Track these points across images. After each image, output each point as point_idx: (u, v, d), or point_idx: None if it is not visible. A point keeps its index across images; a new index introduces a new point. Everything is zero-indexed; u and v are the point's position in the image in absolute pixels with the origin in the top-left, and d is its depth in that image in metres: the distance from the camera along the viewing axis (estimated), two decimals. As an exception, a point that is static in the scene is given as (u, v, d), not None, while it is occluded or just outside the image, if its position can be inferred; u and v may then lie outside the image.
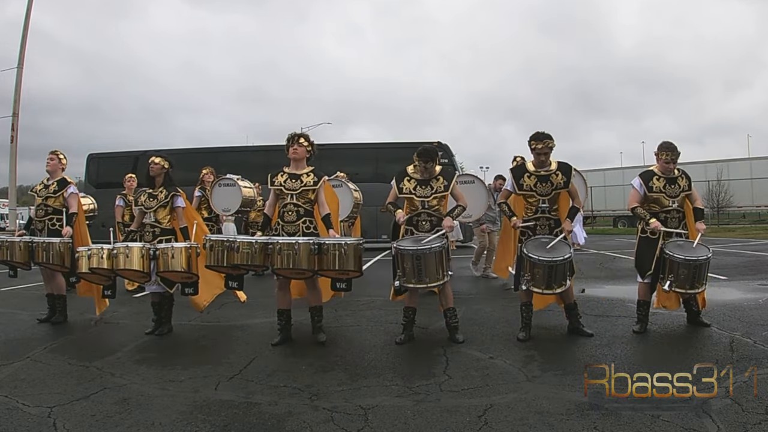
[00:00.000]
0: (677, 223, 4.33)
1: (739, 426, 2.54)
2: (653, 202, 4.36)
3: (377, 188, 8.54)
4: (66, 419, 2.83)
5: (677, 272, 4.11)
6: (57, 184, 5.28)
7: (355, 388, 3.26)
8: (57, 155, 5.39)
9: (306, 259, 4.01)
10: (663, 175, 4.37)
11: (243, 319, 5.33)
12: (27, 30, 20.05)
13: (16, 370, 3.75)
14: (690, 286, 4.14)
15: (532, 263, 4.08)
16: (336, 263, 4.05)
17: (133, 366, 3.82)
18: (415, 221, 4.27)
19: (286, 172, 4.40)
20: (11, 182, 21.19)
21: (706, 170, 25.42)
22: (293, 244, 4.01)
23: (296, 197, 4.29)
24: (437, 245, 4.01)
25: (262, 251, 4.07)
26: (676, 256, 4.10)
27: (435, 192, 4.26)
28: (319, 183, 4.35)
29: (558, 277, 4.08)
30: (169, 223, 4.79)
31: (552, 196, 4.29)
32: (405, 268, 4.04)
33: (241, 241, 4.11)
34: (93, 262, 4.52)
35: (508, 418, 2.74)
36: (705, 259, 4.13)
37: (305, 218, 4.28)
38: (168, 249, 4.42)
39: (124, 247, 4.46)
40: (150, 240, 4.69)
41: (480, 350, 4.02)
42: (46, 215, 5.22)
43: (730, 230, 20.96)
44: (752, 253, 11.17)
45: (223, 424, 2.76)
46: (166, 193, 4.77)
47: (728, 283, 7.02)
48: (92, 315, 5.42)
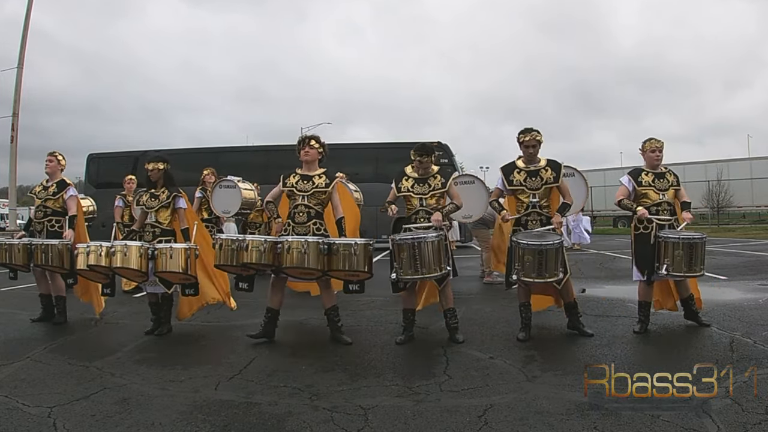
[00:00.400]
0: (668, 215, 4.39)
1: (739, 426, 2.54)
2: (643, 196, 4.43)
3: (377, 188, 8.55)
4: (66, 419, 2.83)
5: (672, 254, 4.16)
6: (56, 185, 5.28)
7: (355, 388, 3.26)
8: (56, 157, 5.37)
9: (315, 259, 4.00)
10: (651, 170, 4.47)
11: (243, 319, 5.32)
12: (27, 30, 20.06)
13: (16, 370, 3.75)
14: (687, 269, 4.17)
15: (521, 250, 4.08)
16: (346, 263, 4.05)
17: (133, 366, 3.82)
18: (413, 219, 4.27)
19: (299, 174, 4.41)
20: (11, 182, 21.18)
21: (706, 170, 25.43)
22: (302, 242, 4.00)
23: (307, 198, 4.29)
24: (433, 235, 4.02)
25: (271, 250, 4.07)
26: (670, 237, 4.19)
27: (432, 190, 4.27)
28: (332, 185, 4.35)
29: (549, 264, 4.06)
30: (170, 224, 4.78)
31: (542, 190, 4.32)
32: (402, 259, 4.03)
33: (251, 239, 4.12)
34: (91, 259, 4.52)
35: (508, 418, 2.74)
36: (699, 238, 4.21)
37: (315, 219, 4.28)
38: (166, 249, 4.42)
39: (123, 245, 4.46)
40: (150, 240, 4.68)
41: (480, 350, 4.02)
42: (45, 217, 5.22)
43: (730, 230, 20.97)
44: (752, 253, 11.18)
45: (223, 424, 2.76)
46: (168, 194, 4.77)
47: (728, 283, 7.02)
48: (92, 315, 5.42)
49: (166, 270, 4.42)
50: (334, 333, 4.37)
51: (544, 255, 4.04)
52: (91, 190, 14.93)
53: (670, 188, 4.43)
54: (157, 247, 4.47)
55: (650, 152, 4.48)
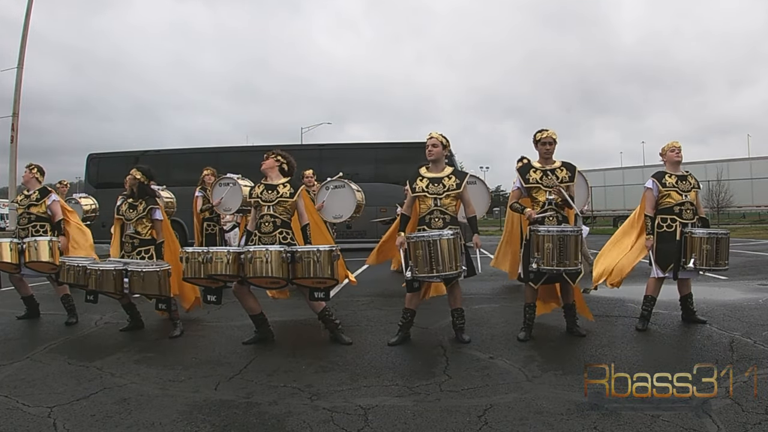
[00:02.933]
0: (692, 215, 4.56)
1: (739, 426, 2.54)
2: (666, 196, 4.58)
3: (377, 188, 8.53)
4: (66, 419, 2.83)
5: (700, 248, 4.37)
6: (38, 192, 5.39)
7: (355, 388, 3.26)
8: (30, 170, 5.50)
9: (278, 267, 3.99)
10: (674, 173, 4.66)
11: (243, 319, 5.31)
12: (27, 30, 20.06)
13: (16, 370, 3.75)
14: (714, 263, 4.39)
15: (541, 238, 4.12)
16: (311, 271, 4.04)
17: (133, 366, 3.82)
18: (428, 219, 4.24)
19: (263, 184, 4.45)
20: (11, 182, 21.16)
21: (706, 170, 25.42)
22: (264, 252, 4.00)
23: (272, 208, 4.32)
24: (449, 233, 4.03)
25: (235, 261, 4.10)
26: (697, 232, 4.42)
27: (447, 190, 4.26)
28: (296, 194, 4.36)
29: (569, 252, 4.10)
30: (149, 233, 4.85)
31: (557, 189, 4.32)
32: (417, 257, 4.02)
33: (215, 251, 4.15)
34: (70, 278, 4.71)
35: (508, 418, 2.74)
36: (724, 234, 4.49)
37: (282, 229, 4.29)
38: (138, 273, 4.48)
39: (96, 270, 4.56)
40: (129, 251, 4.78)
41: (480, 350, 4.02)
42: (29, 222, 5.32)
43: (730, 230, 20.94)
44: (752, 253, 11.19)
45: (223, 424, 2.76)
46: (144, 206, 4.82)
47: (728, 283, 7.02)
48: (92, 315, 5.42)
49: (141, 292, 4.53)
50: (335, 333, 4.37)
51: (565, 242, 4.10)
52: (91, 190, 14.93)
53: (692, 190, 4.60)
54: (130, 270, 4.52)
55: (670, 152, 4.70)
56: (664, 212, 4.58)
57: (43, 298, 5.93)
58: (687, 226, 4.50)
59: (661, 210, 4.60)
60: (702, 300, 5.76)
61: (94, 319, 5.42)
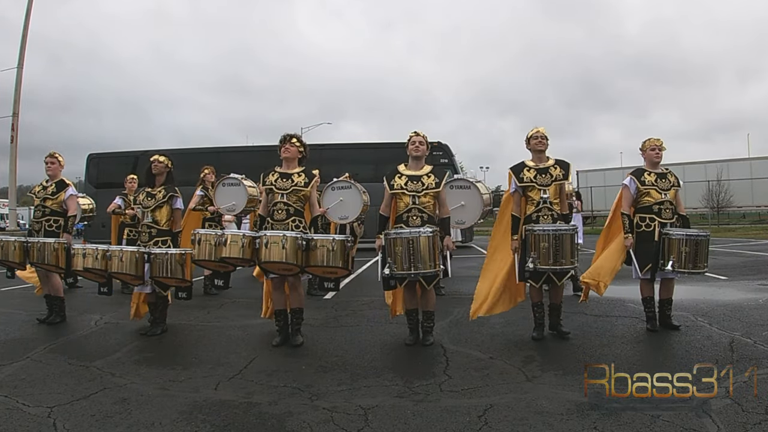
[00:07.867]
0: (671, 214, 4.46)
1: (739, 426, 2.54)
2: (646, 195, 4.48)
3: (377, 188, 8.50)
4: (66, 419, 2.83)
5: (678, 250, 4.26)
6: (55, 185, 5.27)
7: (355, 388, 3.26)
8: (56, 158, 5.36)
9: (294, 254, 4.01)
10: (653, 170, 4.56)
11: (243, 319, 5.33)
12: (27, 29, 20.02)
13: (16, 370, 3.75)
14: (693, 265, 4.27)
15: (537, 237, 4.11)
16: (324, 259, 4.06)
17: (133, 366, 3.82)
18: (406, 217, 4.20)
19: (278, 171, 4.43)
20: (11, 182, 21.11)
21: (706, 170, 25.45)
22: (281, 237, 4.01)
23: (286, 196, 4.31)
24: (429, 230, 4.01)
25: (250, 245, 4.09)
26: (676, 233, 4.30)
27: (426, 188, 4.22)
28: (311, 183, 4.36)
29: (565, 250, 4.10)
30: (167, 223, 4.78)
31: (552, 187, 4.32)
32: (396, 253, 3.99)
33: (231, 233, 4.13)
34: (88, 263, 4.56)
35: (508, 418, 2.74)
36: (704, 235, 4.33)
37: (294, 217, 4.29)
38: (162, 255, 4.44)
39: (119, 250, 4.50)
40: (146, 240, 4.69)
41: (480, 350, 4.02)
42: (43, 216, 5.20)
43: (730, 230, 20.98)
44: (752, 253, 11.19)
45: (223, 424, 2.76)
46: (164, 193, 4.77)
47: (728, 283, 7.02)
48: (92, 315, 5.41)
49: (163, 275, 4.46)
50: (291, 332, 4.36)
51: (560, 240, 4.09)
52: (90, 190, 14.94)
53: (671, 188, 4.50)
54: (153, 252, 4.48)
55: (650, 150, 4.58)
56: (643, 211, 4.48)
57: (42, 299, 5.91)
58: (666, 225, 4.40)
59: (639, 209, 4.51)
60: (702, 300, 5.76)
61: (94, 319, 5.42)
